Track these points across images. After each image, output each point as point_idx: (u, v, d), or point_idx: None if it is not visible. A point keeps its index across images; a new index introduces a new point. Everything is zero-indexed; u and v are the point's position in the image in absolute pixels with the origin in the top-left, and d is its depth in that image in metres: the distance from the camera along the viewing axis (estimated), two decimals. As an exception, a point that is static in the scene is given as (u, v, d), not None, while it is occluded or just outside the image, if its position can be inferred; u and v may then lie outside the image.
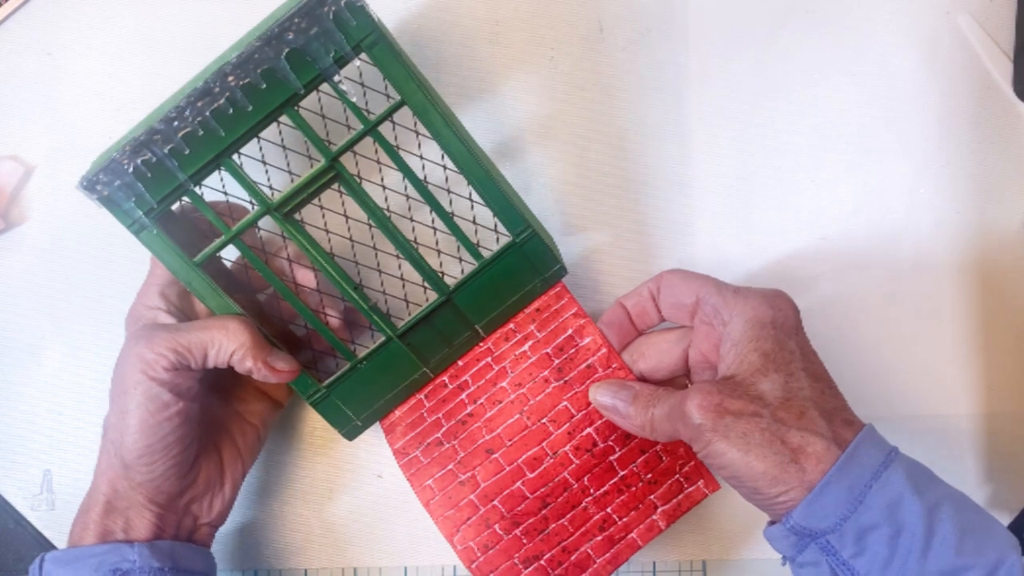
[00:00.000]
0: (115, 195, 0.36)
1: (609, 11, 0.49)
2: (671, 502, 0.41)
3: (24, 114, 0.50)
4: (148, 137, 0.35)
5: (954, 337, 0.48)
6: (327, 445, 0.48)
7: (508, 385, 0.42)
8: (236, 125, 0.35)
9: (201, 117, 0.35)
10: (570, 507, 0.41)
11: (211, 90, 0.34)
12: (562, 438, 0.41)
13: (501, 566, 0.41)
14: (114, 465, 0.38)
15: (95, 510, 0.38)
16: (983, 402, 0.48)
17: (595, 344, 0.42)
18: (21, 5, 0.50)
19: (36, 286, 0.49)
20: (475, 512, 0.41)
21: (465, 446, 0.42)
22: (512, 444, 0.42)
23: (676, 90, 0.49)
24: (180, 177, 0.36)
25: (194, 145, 0.35)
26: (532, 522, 0.41)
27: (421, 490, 0.42)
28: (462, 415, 0.42)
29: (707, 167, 0.49)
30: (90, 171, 0.36)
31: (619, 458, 0.42)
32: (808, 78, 0.49)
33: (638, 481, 0.41)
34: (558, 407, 0.42)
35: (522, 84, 0.49)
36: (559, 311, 0.43)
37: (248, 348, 0.38)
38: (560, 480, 0.41)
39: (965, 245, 0.48)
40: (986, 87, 0.48)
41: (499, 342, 0.43)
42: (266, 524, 0.48)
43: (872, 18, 0.49)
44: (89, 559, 0.37)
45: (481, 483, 0.42)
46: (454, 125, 0.38)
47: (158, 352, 0.37)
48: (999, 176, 0.48)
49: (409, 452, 0.42)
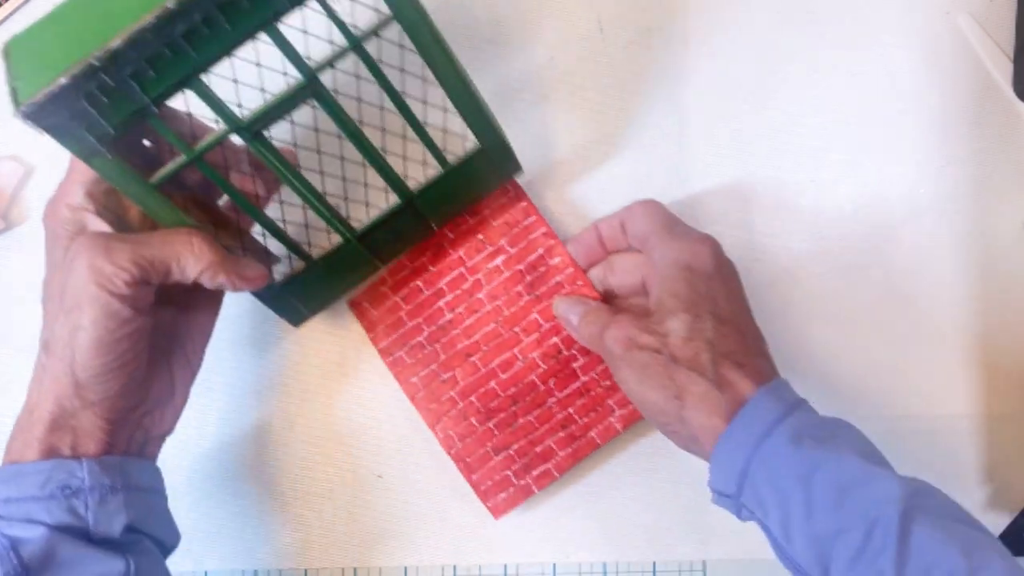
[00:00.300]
0: (63, 123, 0.32)
1: (609, 11, 0.49)
2: (627, 408, 0.46)
3: (24, 114, 0.50)
4: (106, 62, 0.30)
5: (954, 337, 0.48)
6: (327, 445, 0.48)
7: (484, 297, 0.47)
8: (210, 45, 0.32)
9: (172, 39, 0.31)
10: (537, 406, 0.46)
11: (188, 10, 0.30)
12: (531, 345, 0.47)
13: (475, 453, 0.46)
14: (62, 383, 0.35)
15: (38, 427, 0.36)
16: (983, 402, 0.48)
17: (564, 263, 0.46)
18: (21, 5, 0.50)
19: (36, 286, 0.49)
20: (454, 406, 0.47)
21: (447, 350, 0.47)
22: (488, 349, 0.47)
23: (676, 90, 0.49)
24: (142, 101, 0.32)
25: (160, 67, 0.32)
26: (503, 417, 0.46)
27: (407, 385, 0.47)
28: (442, 321, 0.47)
29: (707, 167, 0.49)
30: (27, 92, 0.31)
31: (581, 366, 0.46)
32: (808, 78, 0.49)
33: (597, 386, 0.46)
34: (529, 318, 0.47)
35: (522, 84, 0.49)
36: (529, 228, 0.46)
37: (218, 265, 0.37)
38: (529, 382, 0.46)
39: (965, 245, 0.48)
40: (986, 87, 0.48)
41: (471, 252, 0.47)
42: (266, 524, 0.48)
43: (872, 18, 0.49)
44: (33, 475, 0.35)
45: (460, 382, 0.47)
46: (440, 41, 0.37)
47: (119, 265, 0.34)
48: (999, 176, 0.48)
49: (394, 352, 0.47)
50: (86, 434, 0.36)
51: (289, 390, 0.49)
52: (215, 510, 0.49)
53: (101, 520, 0.36)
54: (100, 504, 0.36)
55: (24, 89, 0.31)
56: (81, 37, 0.32)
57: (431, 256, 0.47)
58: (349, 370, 0.49)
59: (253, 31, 0.33)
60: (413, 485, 0.48)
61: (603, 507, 0.48)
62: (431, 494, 0.48)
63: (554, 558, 0.48)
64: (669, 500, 0.48)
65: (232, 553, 0.48)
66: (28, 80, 0.32)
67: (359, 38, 0.35)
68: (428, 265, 0.47)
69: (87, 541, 0.35)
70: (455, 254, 0.47)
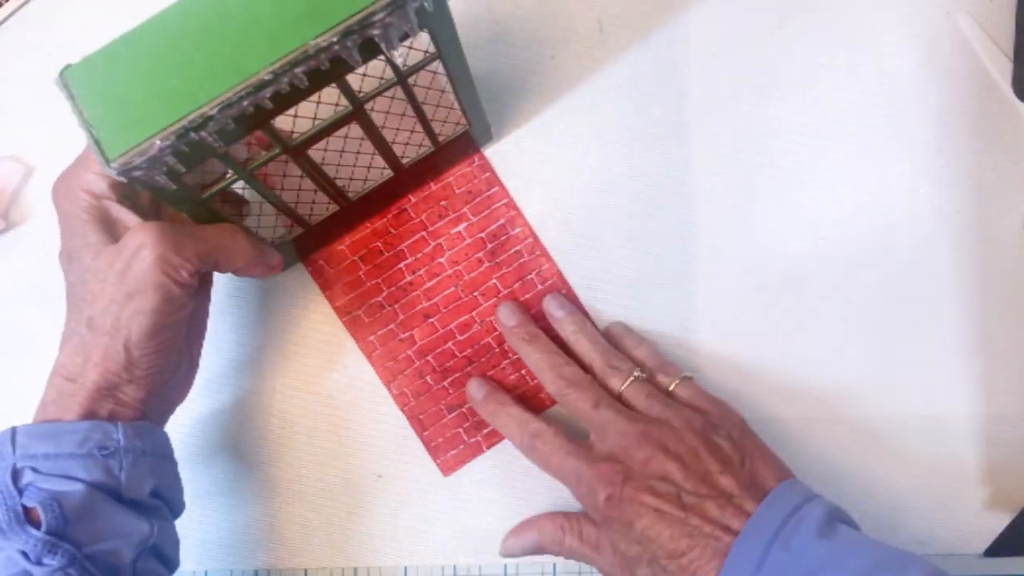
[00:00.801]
0: (146, 174, 0.34)
1: (609, 11, 0.49)
2: None
3: (24, 114, 0.50)
4: (199, 126, 0.33)
5: (954, 337, 0.48)
6: (327, 446, 0.49)
7: (445, 261, 0.49)
8: (287, 100, 0.35)
9: (259, 101, 0.34)
10: (491, 367, 0.48)
11: (277, 79, 0.33)
12: (489, 309, 0.49)
13: (428, 410, 0.48)
14: (113, 359, 0.37)
15: (81, 394, 0.38)
16: (983, 402, 0.48)
17: (524, 234, 0.49)
18: (21, 5, 0.50)
19: (36, 286, 0.49)
20: (411, 365, 0.49)
21: (406, 310, 0.49)
22: (446, 311, 0.49)
23: (676, 90, 0.49)
24: (219, 149, 0.35)
25: (239, 120, 0.34)
26: (458, 376, 0.48)
27: (364, 344, 0.49)
28: (402, 283, 0.49)
29: (707, 167, 0.49)
30: (117, 148, 0.33)
31: None
32: (808, 78, 0.49)
33: None
34: (488, 283, 0.49)
35: (522, 84, 0.49)
36: (492, 198, 0.49)
37: (254, 259, 0.41)
38: (485, 344, 0.48)
39: (965, 245, 0.48)
40: (986, 87, 0.48)
41: (433, 218, 0.49)
42: (266, 524, 0.48)
43: (872, 18, 0.49)
44: (71, 434, 0.36)
45: (418, 341, 0.49)
46: (466, 64, 0.41)
47: (185, 257, 0.37)
48: (999, 176, 0.48)
49: (351, 311, 0.49)
50: (126, 404, 0.39)
51: (289, 390, 0.49)
52: (215, 510, 0.49)
53: (133, 482, 0.38)
54: (132, 466, 0.38)
55: (111, 143, 0.33)
56: (161, 85, 0.33)
57: (392, 219, 0.49)
58: (350, 370, 0.49)
59: (327, 84, 0.35)
60: (413, 485, 0.48)
61: (603, 507, 0.48)
62: (431, 494, 0.48)
63: (554, 558, 0.48)
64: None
65: (232, 553, 0.48)
66: (114, 133, 0.33)
67: (406, 73, 0.38)
68: (389, 227, 0.49)
69: (119, 501, 0.37)
70: (417, 218, 0.49)
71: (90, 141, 0.34)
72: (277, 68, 0.33)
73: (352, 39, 0.34)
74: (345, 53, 0.34)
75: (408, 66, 0.38)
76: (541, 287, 0.48)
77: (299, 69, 0.34)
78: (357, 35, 0.34)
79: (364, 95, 0.38)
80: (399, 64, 0.38)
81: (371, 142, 0.42)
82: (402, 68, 0.38)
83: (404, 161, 0.46)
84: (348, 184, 0.46)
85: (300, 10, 0.34)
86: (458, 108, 0.45)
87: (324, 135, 0.39)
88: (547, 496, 0.48)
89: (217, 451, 0.49)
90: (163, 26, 0.34)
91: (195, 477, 0.48)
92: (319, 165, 0.42)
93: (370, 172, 0.47)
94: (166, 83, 0.34)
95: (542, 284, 0.48)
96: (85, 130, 0.34)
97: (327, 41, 0.33)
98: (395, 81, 0.39)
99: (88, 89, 0.34)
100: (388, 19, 0.34)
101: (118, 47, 0.34)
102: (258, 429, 0.49)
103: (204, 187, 0.39)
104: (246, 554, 0.48)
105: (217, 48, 0.34)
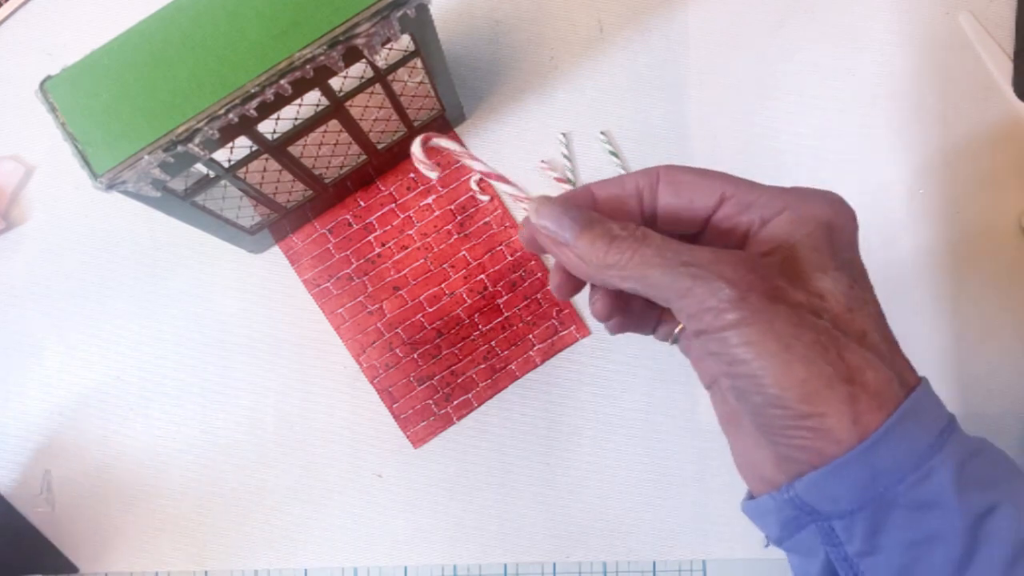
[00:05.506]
0: (133, 184, 0.35)
1: (609, 11, 0.49)
2: (546, 342, 0.48)
3: (24, 114, 0.50)
4: (186, 138, 0.34)
5: (954, 337, 0.48)
6: (327, 446, 0.49)
7: (415, 234, 0.49)
8: (271, 108, 0.36)
9: (245, 112, 0.34)
10: (460, 339, 0.49)
11: (263, 91, 0.34)
12: (459, 281, 0.49)
13: (398, 382, 0.48)
14: None
15: None
16: (983, 402, 0.48)
17: (492, 205, 0.49)
18: (21, 5, 0.50)
19: (36, 286, 0.49)
20: (380, 337, 0.49)
21: (375, 282, 0.49)
22: (416, 283, 0.49)
23: (676, 90, 0.49)
24: (203, 157, 0.36)
25: (224, 130, 0.35)
26: (428, 348, 0.48)
27: (333, 316, 0.48)
28: (371, 255, 0.49)
29: (707, 167, 0.49)
30: (104, 163, 0.33)
31: (505, 302, 0.49)
32: (808, 78, 0.49)
33: (519, 322, 0.49)
34: (457, 255, 0.49)
35: (522, 84, 0.49)
36: (461, 171, 0.49)
37: None
38: (454, 315, 0.49)
39: (965, 245, 0.48)
40: (986, 87, 0.48)
41: (401, 191, 0.49)
42: (266, 524, 0.48)
43: (872, 18, 0.49)
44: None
45: (387, 314, 0.49)
46: (444, 58, 0.42)
47: None
48: (999, 176, 0.48)
49: (320, 283, 0.49)
50: None
51: (289, 391, 0.49)
52: (215, 510, 0.49)
53: None
54: None
55: (98, 159, 0.33)
56: (146, 98, 0.33)
57: (361, 192, 0.49)
58: (350, 371, 0.49)
59: (310, 90, 0.36)
60: (412, 485, 0.48)
61: (603, 506, 0.48)
62: (430, 494, 0.48)
63: (554, 557, 0.48)
64: (669, 500, 0.48)
65: (232, 553, 0.48)
66: (101, 147, 0.33)
67: (385, 72, 0.39)
68: (358, 200, 0.49)
69: None
70: (386, 191, 0.49)
71: (75, 154, 0.33)
72: (263, 80, 0.34)
73: (337, 49, 0.34)
74: (330, 62, 0.35)
75: (388, 65, 0.39)
76: (511, 259, 0.49)
77: (285, 80, 0.34)
78: (342, 45, 0.34)
79: (344, 94, 0.39)
80: (380, 66, 0.38)
81: (348, 134, 0.43)
82: (383, 69, 0.39)
83: (379, 147, 0.46)
84: (325, 172, 0.47)
85: (286, 22, 0.34)
86: (433, 96, 0.46)
87: (304, 133, 0.40)
88: (547, 495, 0.48)
89: (218, 452, 0.49)
90: (145, 37, 0.34)
91: (196, 477, 0.48)
92: (298, 159, 0.43)
93: (346, 159, 0.47)
94: (152, 96, 0.33)
95: (511, 256, 0.49)
96: (70, 143, 0.33)
97: (312, 52, 0.34)
98: (375, 79, 0.39)
99: (71, 101, 0.34)
100: (373, 29, 0.34)
101: (100, 57, 0.34)
102: (258, 430, 0.49)
103: (186, 189, 0.39)
104: (247, 554, 0.48)
105: (202, 60, 0.34)
